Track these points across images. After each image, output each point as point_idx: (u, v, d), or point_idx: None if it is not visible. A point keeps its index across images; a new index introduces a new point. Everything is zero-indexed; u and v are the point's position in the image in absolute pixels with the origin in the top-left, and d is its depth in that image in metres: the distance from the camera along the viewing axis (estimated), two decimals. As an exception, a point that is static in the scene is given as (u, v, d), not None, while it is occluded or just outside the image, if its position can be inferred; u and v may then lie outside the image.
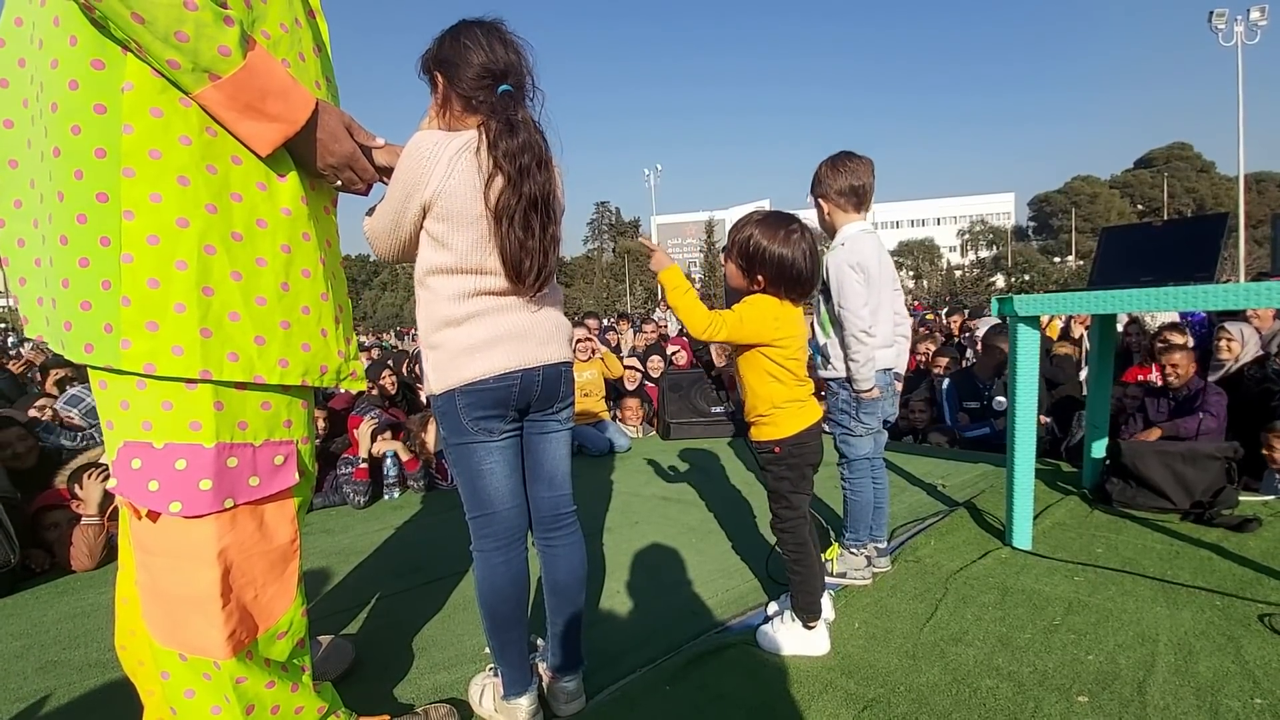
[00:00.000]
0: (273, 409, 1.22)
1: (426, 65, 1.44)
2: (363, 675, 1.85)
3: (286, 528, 1.28)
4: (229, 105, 1.07)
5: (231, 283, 1.13)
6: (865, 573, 2.30)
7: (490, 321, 1.43)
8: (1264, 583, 2.14)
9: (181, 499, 1.11)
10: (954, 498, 3.20)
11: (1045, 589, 2.18)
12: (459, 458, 1.49)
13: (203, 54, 1.01)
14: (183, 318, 1.08)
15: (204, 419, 1.12)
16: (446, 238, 1.37)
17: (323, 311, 1.28)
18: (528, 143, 1.37)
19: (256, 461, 1.20)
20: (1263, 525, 2.59)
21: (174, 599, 1.17)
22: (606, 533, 3.02)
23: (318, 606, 2.33)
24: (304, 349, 1.23)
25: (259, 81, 1.08)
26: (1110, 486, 2.96)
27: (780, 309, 1.80)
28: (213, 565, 1.15)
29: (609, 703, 1.67)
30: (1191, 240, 2.47)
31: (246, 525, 1.20)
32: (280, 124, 1.13)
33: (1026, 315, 2.49)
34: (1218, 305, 2.16)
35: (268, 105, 1.10)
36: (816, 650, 1.85)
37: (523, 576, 1.55)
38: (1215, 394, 3.70)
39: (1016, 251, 51.46)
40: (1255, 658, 1.71)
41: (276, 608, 1.26)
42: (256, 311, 1.16)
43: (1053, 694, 1.61)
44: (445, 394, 1.44)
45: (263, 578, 1.24)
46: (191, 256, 1.08)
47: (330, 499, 3.58)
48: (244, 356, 1.15)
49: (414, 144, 1.35)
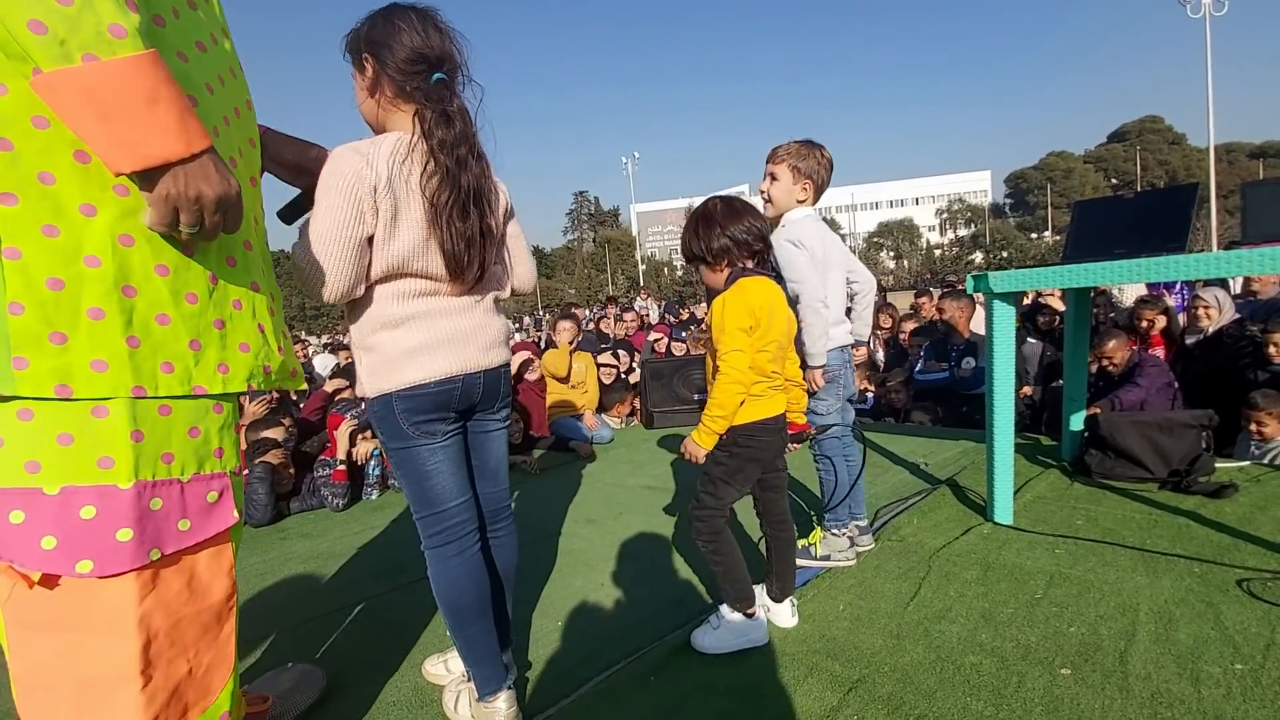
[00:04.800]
0: (202, 435, 1.03)
1: (355, 45, 1.37)
2: (344, 681, 1.81)
3: (221, 580, 1.08)
4: (94, 99, 0.82)
5: (156, 279, 0.95)
6: (849, 554, 2.29)
7: (431, 324, 1.39)
8: (1241, 548, 2.17)
9: (93, 555, 0.91)
10: (936, 476, 3.21)
11: (1027, 563, 2.19)
12: (401, 461, 1.45)
13: (84, 26, 0.79)
14: (102, 325, 0.90)
15: (118, 453, 0.92)
16: (390, 241, 1.32)
17: (256, 304, 1.12)
18: (464, 134, 1.35)
19: (186, 501, 1.01)
20: (1239, 491, 2.62)
21: (76, 686, 0.94)
22: (591, 525, 2.99)
23: (296, 615, 2.28)
24: (243, 349, 1.08)
25: (147, 82, 0.84)
26: (1089, 458, 2.99)
27: (759, 299, 1.71)
28: (131, 636, 0.94)
29: (593, 696, 1.65)
30: (1163, 211, 2.48)
31: (173, 582, 1.00)
32: (170, 140, 0.87)
33: (1002, 292, 2.48)
34: (1189, 275, 2.16)
35: (159, 111, 0.85)
36: (758, 640, 1.78)
37: (479, 569, 1.53)
38: (1152, 365, 3.82)
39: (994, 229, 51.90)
40: (1234, 623, 1.73)
41: (215, 681, 1.07)
42: (188, 311, 0.99)
43: (1036, 668, 1.62)
44: (381, 398, 1.39)
45: (195, 645, 1.03)
46: (104, 250, 0.90)
47: (308, 502, 3.51)
48: (180, 366, 0.98)
49: (340, 157, 1.27)
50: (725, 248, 1.74)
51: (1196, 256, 2.14)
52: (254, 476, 3.26)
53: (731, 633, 1.77)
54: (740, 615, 1.79)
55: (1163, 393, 3.70)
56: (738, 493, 1.80)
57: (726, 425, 1.70)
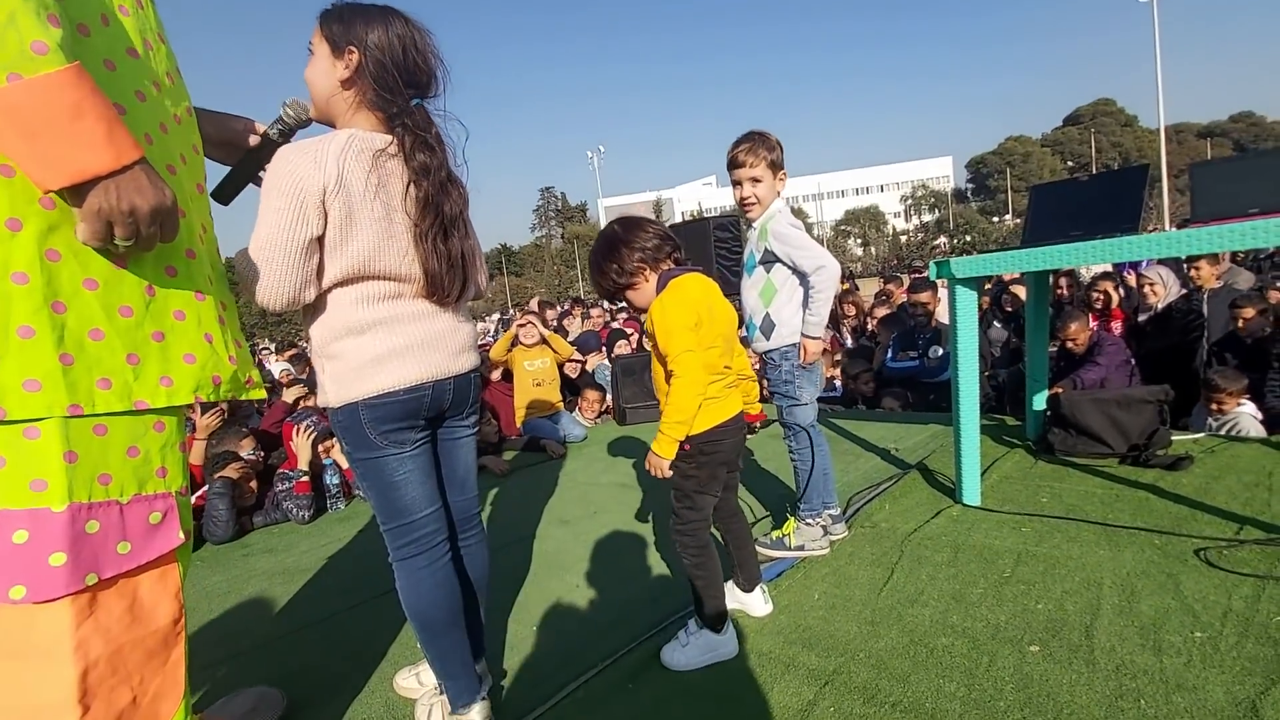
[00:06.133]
0: (142, 455, 1.00)
1: (340, 31, 1.28)
2: (312, 699, 1.76)
3: (168, 604, 1.05)
4: (18, 118, 0.80)
5: (86, 293, 0.93)
6: (823, 543, 2.30)
7: (398, 330, 1.35)
8: (1198, 518, 2.23)
9: (25, 581, 0.89)
10: (906, 461, 3.24)
11: (995, 543, 2.22)
12: (367, 472, 1.40)
13: (8, 45, 0.78)
14: (32, 343, 0.88)
15: (50, 475, 0.90)
16: (348, 243, 1.27)
17: (201, 313, 1.09)
18: (443, 162, 1.35)
19: (126, 523, 0.98)
20: (1194, 462, 2.70)
21: (8, 715, 0.92)
22: (564, 525, 2.96)
23: (259, 634, 2.21)
24: (187, 360, 1.05)
25: (70, 96, 0.82)
26: (1052, 437, 3.05)
27: (697, 293, 1.66)
28: (68, 663, 0.92)
29: (570, 705, 1.62)
30: (1116, 193, 2.52)
31: (113, 606, 0.97)
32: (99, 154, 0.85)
33: (964, 277, 2.51)
34: (1141, 255, 2.21)
35: (84, 127, 0.84)
36: (727, 654, 1.74)
37: (451, 579, 1.49)
38: (1111, 344, 3.93)
39: (957, 214, 52.94)
40: (1193, 592, 1.77)
41: (163, 710, 1.03)
42: (122, 325, 0.97)
43: (1006, 646, 1.64)
44: (346, 407, 1.34)
45: (139, 672, 1.00)
46: (31, 266, 0.88)
47: (272, 516, 3.40)
48: (118, 381, 0.96)
49: (286, 158, 1.22)
50: (639, 260, 1.67)
51: (1148, 237, 2.18)
52: (214, 492, 3.15)
53: (700, 649, 1.73)
54: (709, 631, 1.75)
55: (1121, 370, 3.80)
56: (713, 498, 1.77)
57: (686, 431, 1.62)
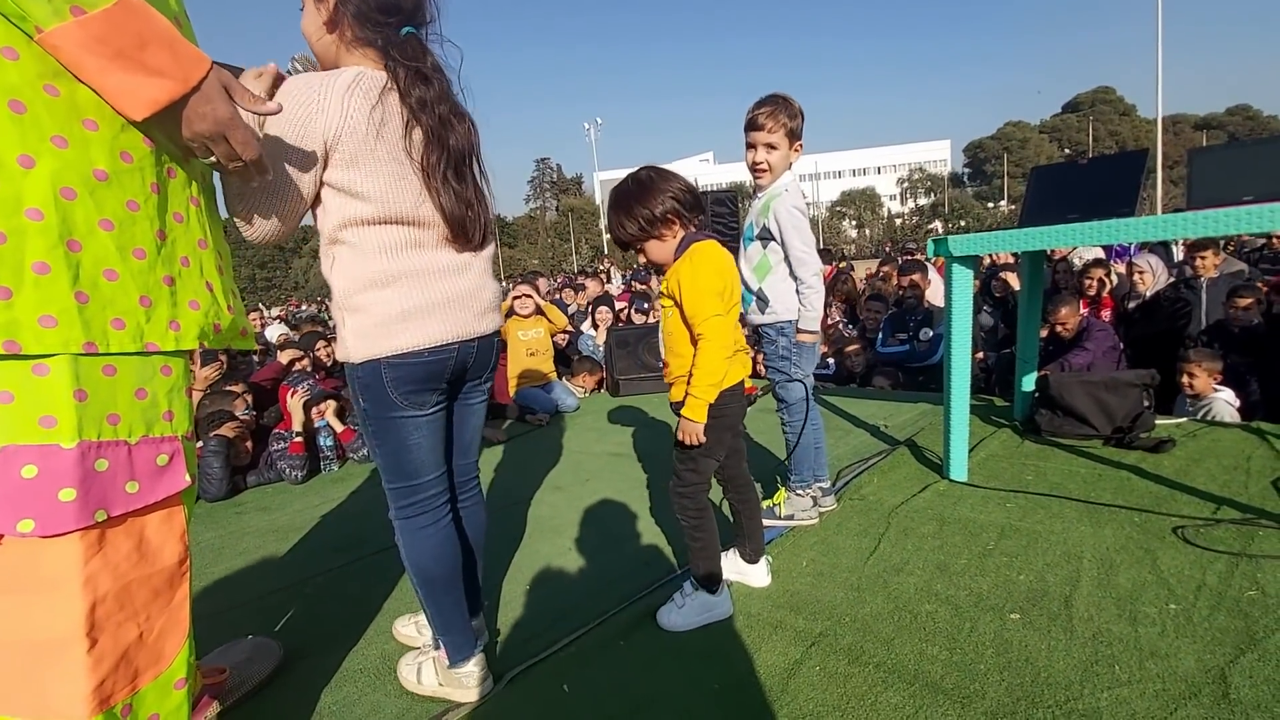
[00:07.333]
0: (150, 397, 1.01)
1: None
2: (309, 650, 1.79)
3: (173, 545, 1.07)
4: (96, 49, 0.85)
5: (101, 233, 0.93)
6: (812, 513, 2.35)
7: (425, 285, 1.30)
8: (1177, 498, 2.29)
9: (34, 515, 0.90)
10: (896, 437, 3.29)
11: (980, 517, 2.27)
12: (381, 430, 1.36)
13: None
14: (48, 280, 0.88)
15: (60, 412, 0.91)
16: (358, 186, 1.22)
17: (204, 261, 1.10)
18: (442, 92, 1.27)
19: (134, 463, 0.99)
20: (1176, 446, 2.75)
21: (22, 648, 0.92)
22: (557, 491, 3.00)
23: (253, 589, 2.24)
24: (192, 307, 1.06)
25: (137, 24, 0.86)
26: (1039, 417, 3.10)
27: (725, 261, 1.65)
28: (77, 597, 0.93)
29: (561, 659, 1.66)
30: (1114, 176, 2.53)
31: (121, 544, 0.99)
32: (166, 80, 0.90)
33: (961, 256, 2.52)
34: (1137, 237, 2.23)
35: (148, 56, 0.88)
36: (722, 614, 1.78)
37: (452, 538, 1.50)
38: (1099, 330, 3.97)
39: (953, 198, 52.82)
40: (1169, 567, 1.83)
41: (168, 647, 1.05)
42: (136, 266, 0.97)
43: (987, 613, 1.69)
44: (368, 364, 1.29)
45: (146, 609, 1.02)
46: (46, 203, 0.88)
47: (265, 476, 3.42)
48: (131, 322, 0.96)
49: (294, 85, 1.17)
50: (673, 209, 1.63)
51: (1144, 219, 2.20)
52: (208, 450, 3.15)
53: (696, 609, 1.76)
54: (706, 592, 1.78)
55: (1109, 355, 3.85)
56: (715, 462, 1.78)
57: (716, 393, 1.63)
